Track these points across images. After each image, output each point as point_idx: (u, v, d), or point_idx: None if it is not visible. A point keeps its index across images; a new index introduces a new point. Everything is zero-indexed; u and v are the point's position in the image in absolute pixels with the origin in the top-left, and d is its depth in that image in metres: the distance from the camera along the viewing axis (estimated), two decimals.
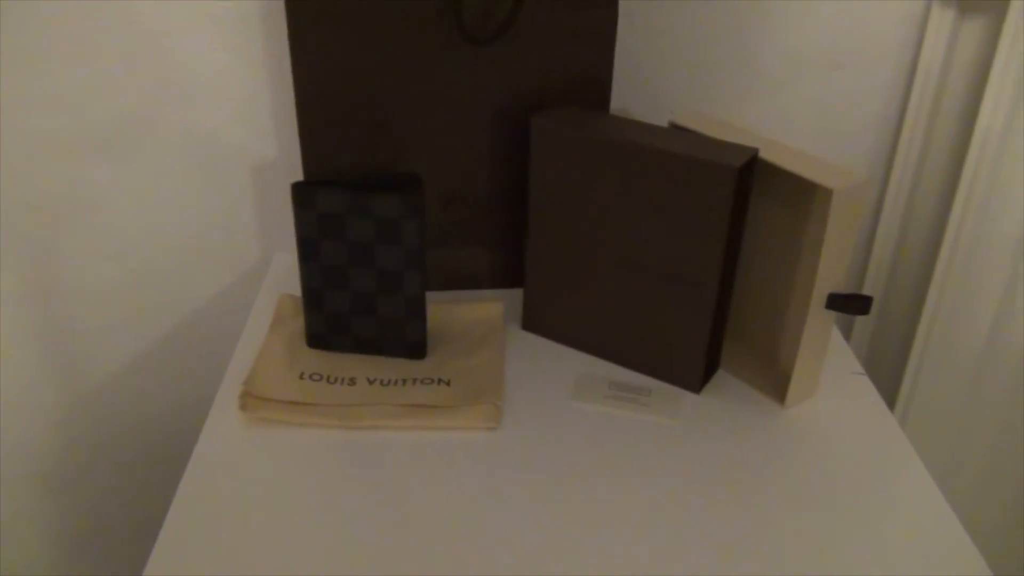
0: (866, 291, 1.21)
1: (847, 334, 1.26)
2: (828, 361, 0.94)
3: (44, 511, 1.38)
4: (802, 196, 0.82)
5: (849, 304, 0.82)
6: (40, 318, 1.20)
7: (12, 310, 1.18)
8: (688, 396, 0.89)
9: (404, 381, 0.89)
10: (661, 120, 1.06)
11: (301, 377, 0.89)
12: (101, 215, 1.12)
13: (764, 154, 0.82)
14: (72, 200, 1.11)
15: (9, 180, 1.09)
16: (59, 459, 1.33)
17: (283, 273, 1.10)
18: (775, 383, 0.90)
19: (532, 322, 0.98)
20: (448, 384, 0.88)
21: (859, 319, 1.25)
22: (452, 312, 1.00)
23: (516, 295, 1.03)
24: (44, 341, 1.22)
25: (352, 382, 0.89)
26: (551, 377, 0.91)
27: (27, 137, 1.06)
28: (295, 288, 1.04)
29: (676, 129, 0.88)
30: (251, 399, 0.85)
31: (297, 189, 0.85)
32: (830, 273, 0.81)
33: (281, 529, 0.72)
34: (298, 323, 0.97)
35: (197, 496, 0.76)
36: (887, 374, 1.26)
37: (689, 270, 0.84)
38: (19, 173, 1.08)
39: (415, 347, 0.92)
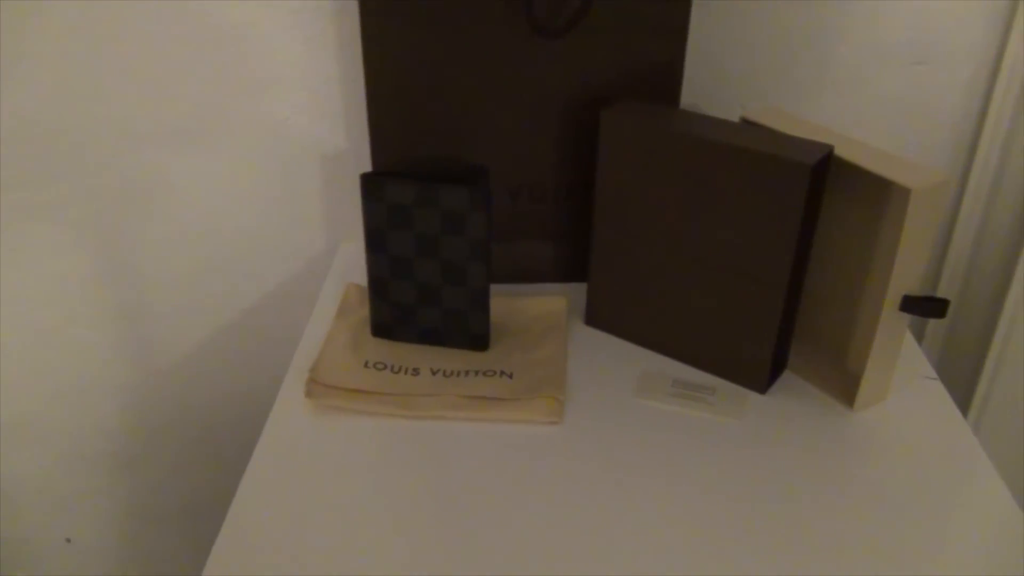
0: (941, 293, 1.18)
1: (919, 337, 1.23)
2: (899, 364, 0.92)
3: (113, 488, 1.42)
4: (878, 195, 0.81)
5: (924, 307, 0.80)
6: (113, 301, 1.23)
7: (87, 293, 1.22)
8: (753, 396, 0.88)
9: (467, 373, 0.89)
10: (732, 115, 1.05)
11: (366, 366, 0.90)
12: (173, 202, 1.15)
13: (839, 151, 0.81)
14: (146, 187, 1.14)
15: (87, 166, 1.12)
16: (128, 438, 1.37)
17: (349, 263, 1.12)
18: (844, 385, 0.88)
19: (595, 317, 0.98)
20: (510, 377, 0.89)
21: (932, 322, 1.22)
22: (515, 305, 1.00)
23: (580, 290, 1.03)
24: (116, 324, 1.25)
25: (415, 372, 0.90)
26: (614, 373, 0.91)
27: (105, 125, 1.09)
28: (361, 278, 1.05)
29: (748, 124, 0.87)
30: (317, 386, 0.87)
31: (366, 180, 0.86)
32: (905, 274, 0.80)
33: (342, 514, 0.74)
34: (363, 312, 0.99)
35: (264, 479, 0.78)
36: (960, 379, 1.23)
37: (758, 268, 0.83)
38: (96, 160, 1.12)
39: (478, 339, 0.93)
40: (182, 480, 1.41)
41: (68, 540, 1.49)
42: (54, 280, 1.21)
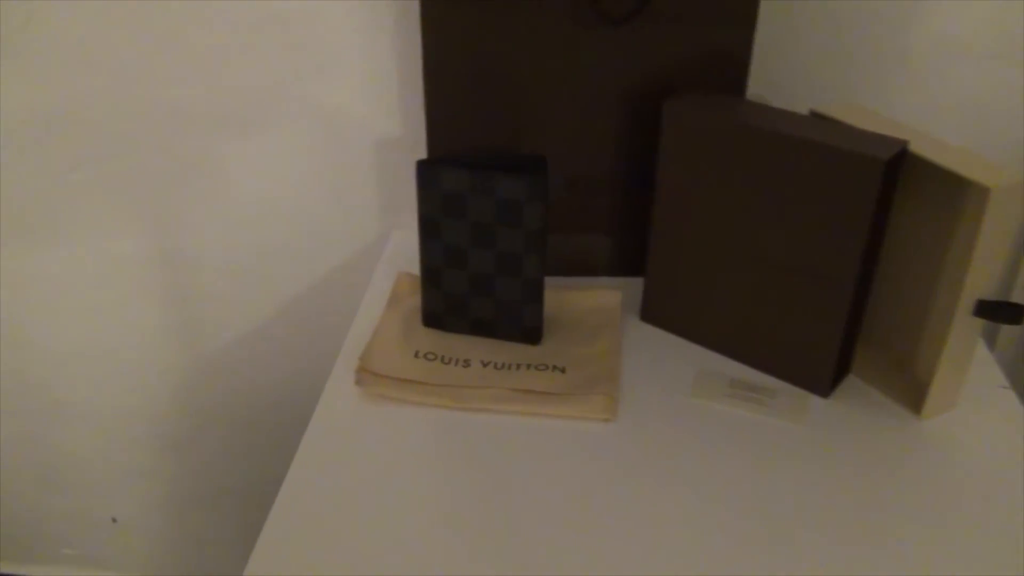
0: (1015, 299, 1.15)
1: (990, 344, 1.19)
2: (970, 372, 0.89)
3: (161, 469, 1.44)
4: (953, 194, 0.78)
5: (999, 312, 0.77)
6: (165, 283, 1.25)
7: (139, 273, 1.24)
8: (815, 400, 0.86)
9: (518, 366, 0.89)
10: (801, 109, 1.03)
11: (416, 356, 0.90)
12: (227, 185, 1.16)
13: (914, 147, 0.79)
14: (201, 169, 1.15)
15: (144, 148, 1.13)
16: (176, 421, 1.38)
17: (401, 250, 1.12)
18: (911, 392, 0.86)
19: (651, 313, 0.97)
20: (563, 372, 0.88)
21: (1004, 328, 1.18)
22: (569, 298, 0.99)
23: (636, 284, 1.02)
24: (167, 305, 1.27)
25: (466, 363, 0.89)
26: (669, 371, 0.90)
27: (162, 107, 1.10)
28: (413, 266, 1.05)
29: (817, 118, 0.85)
30: (367, 375, 0.87)
31: (421, 167, 0.86)
32: (980, 278, 0.77)
33: (389, 503, 0.74)
34: (415, 301, 0.98)
35: (312, 465, 0.78)
36: None
37: (825, 266, 0.81)
38: (153, 142, 1.13)
39: (531, 332, 0.92)
40: (229, 464, 1.43)
41: (114, 520, 1.51)
42: (108, 260, 1.23)
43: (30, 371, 1.34)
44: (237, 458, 1.42)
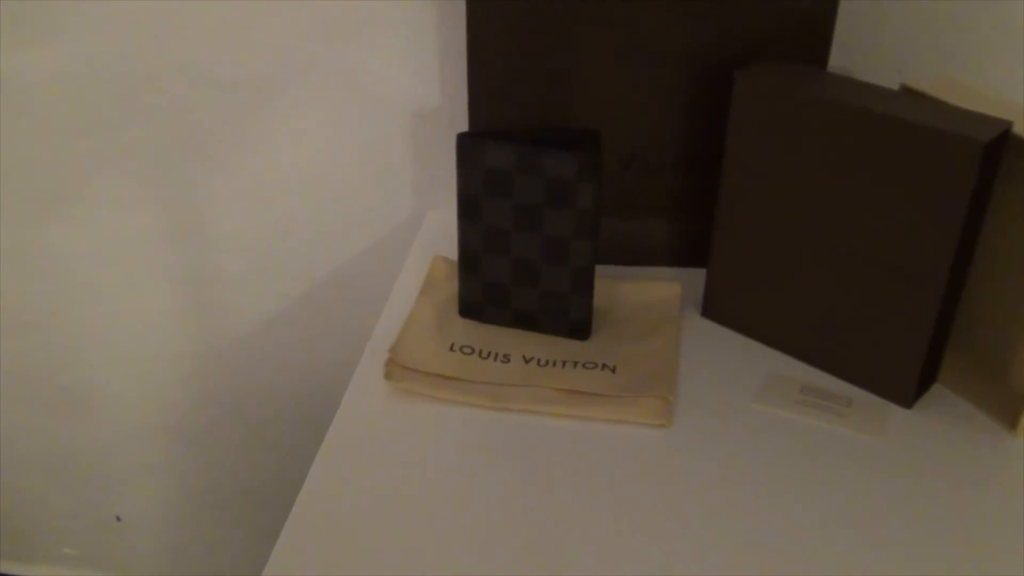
0: None
1: None
2: None
3: (170, 466, 1.46)
4: None
5: None
6: (179, 263, 1.26)
7: (151, 252, 1.25)
8: (896, 410, 0.85)
9: (564, 363, 0.89)
10: (891, 83, 1.01)
11: (451, 349, 0.90)
12: (249, 157, 1.17)
13: (1018, 128, 0.77)
14: (218, 138, 1.16)
15: (158, 114, 1.15)
16: (189, 413, 1.40)
17: (437, 232, 1.12)
18: (1005, 405, 0.84)
19: (714, 308, 0.96)
20: (613, 371, 0.88)
21: None
22: (623, 290, 0.98)
23: (698, 276, 1.01)
24: (182, 287, 1.28)
25: (506, 359, 0.89)
26: (733, 374, 0.89)
27: (179, 69, 1.12)
28: (449, 250, 1.05)
29: (909, 93, 0.83)
30: (397, 368, 0.87)
31: (463, 141, 0.86)
32: None
33: (417, 511, 0.74)
34: (451, 289, 0.98)
35: (335, 467, 0.78)
36: None
37: (913, 261, 0.79)
38: (169, 107, 1.14)
39: (579, 326, 0.92)
40: (244, 461, 1.45)
41: (118, 518, 1.54)
42: (118, 237, 1.25)
43: (33, 355, 1.37)
44: (253, 455, 1.44)
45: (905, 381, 0.84)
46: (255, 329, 1.31)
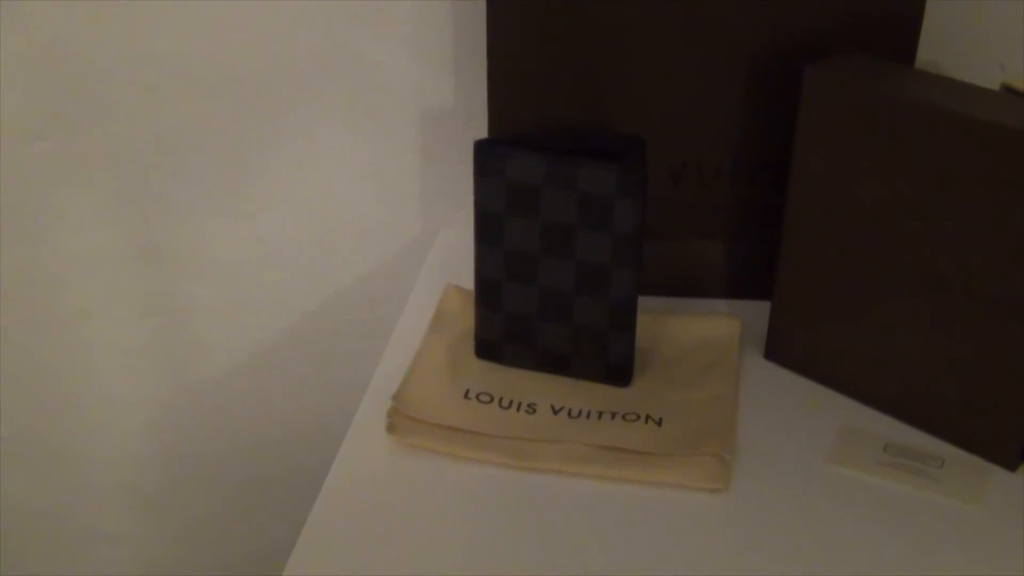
0: None
1: None
2: None
3: (135, 532, 1.47)
4: None
5: None
6: (145, 290, 1.27)
7: (112, 276, 1.26)
8: (998, 473, 0.85)
9: (600, 414, 0.89)
10: (990, 81, 1.02)
11: (466, 396, 0.91)
12: (230, 163, 1.19)
13: None
14: (191, 143, 1.18)
15: (121, 114, 1.16)
16: (156, 468, 1.41)
17: (450, 256, 1.13)
18: None
19: (780, 349, 0.96)
20: (659, 424, 0.88)
21: None
22: (671, 326, 0.99)
23: (760, 310, 1.01)
24: (145, 317, 1.29)
25: (532, 409, 0.90)
26: (802, 428, 0.89)
27: (145, 62, 1.13)
28: (465, 278, 1.06)
29: (1011, 94, 0.84)
30: (402, 419, 0.88)
31: (481, 149, 0.87)
32: None
33: None
34: (466, 324, 1.00)
35: (328, 534, 0.79)
36: None
37: (1020, 295, 0.80)
38: (134, 106, 1.15)
39: (619, 370, 0.92)
40: (219, 530, 1.45)
41: None
42: (73, 258, 1.25)
43: None
44: (229, 522, 1.44)
45: (1009, 439, 0.84)
46: (233, 370, 1.31)
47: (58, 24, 1.12)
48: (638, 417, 0.89)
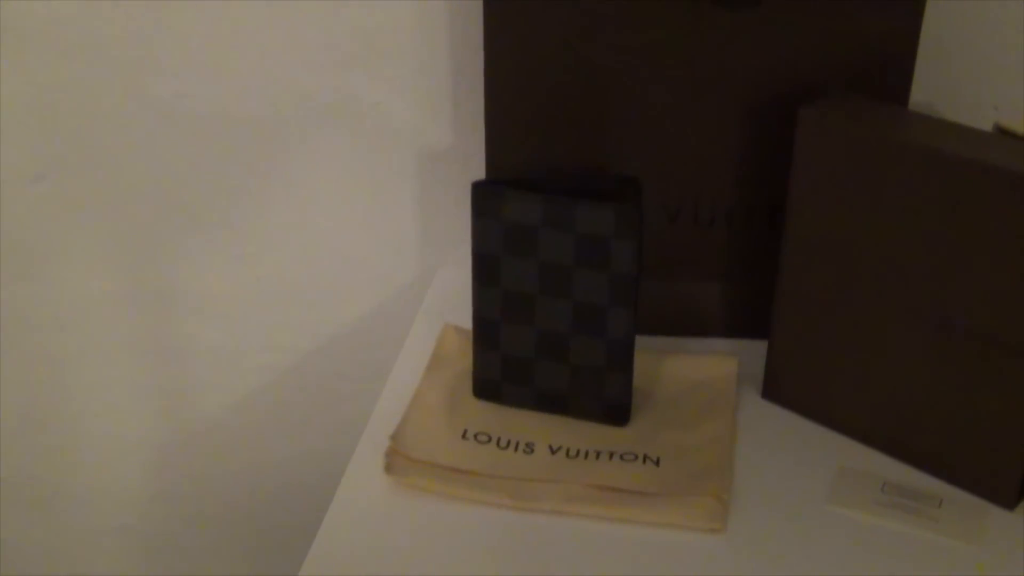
0: None
1: None
2: None
3: (128, 575, 1.46)
4: None
5: None
6: (142, 330, 1.27)
7: (111, 317, 1.26)
8: (996, 513, 0.85)
9: (599, 454, 0.89)
10: (983, 122, 1.02)
11: (464, 437, 0.91)
12: (228, 203, 1.19)
13: None
14: (195, 183, 1.18)
15: (124, 154, 1.16)
16: (152, 511, 1.40)
17: (448, 295, 1.13)
18: None
19: (777, 388, 0.96)
20: (657, 464, 0.88)
21: None
22: (668, 366, 0.99)
23: (758, 349, 1.01)
24: (142, 357, 1.29)
25: (530, 449, 0.90)
26: (800, 468, 0.89)
27: (149, 105, 1.13)
28: (463, 317, 1.06)
29: (1005, 135, 0.84)
30: (400, 459, 0.88)
31: (479, 190, 0.88)
32: None
33: None
34: (464, 364, 1.00)
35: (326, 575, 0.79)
36: None
37: (1019, 335, 0.80)
38: (137, 146, 1.16)
39: (617, 409, 0.92)
40: (221, 569, 1.44)
41: None
42: (70, 298, 1.25)
43: None
44: (230, 563, 1.43)
45: (1008, 478, 0.84)
46: (231, 410, 1.31)
47: (60, 67, 1.12)
48: (636, 457, 0.89)
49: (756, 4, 0.89)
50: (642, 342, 1.01)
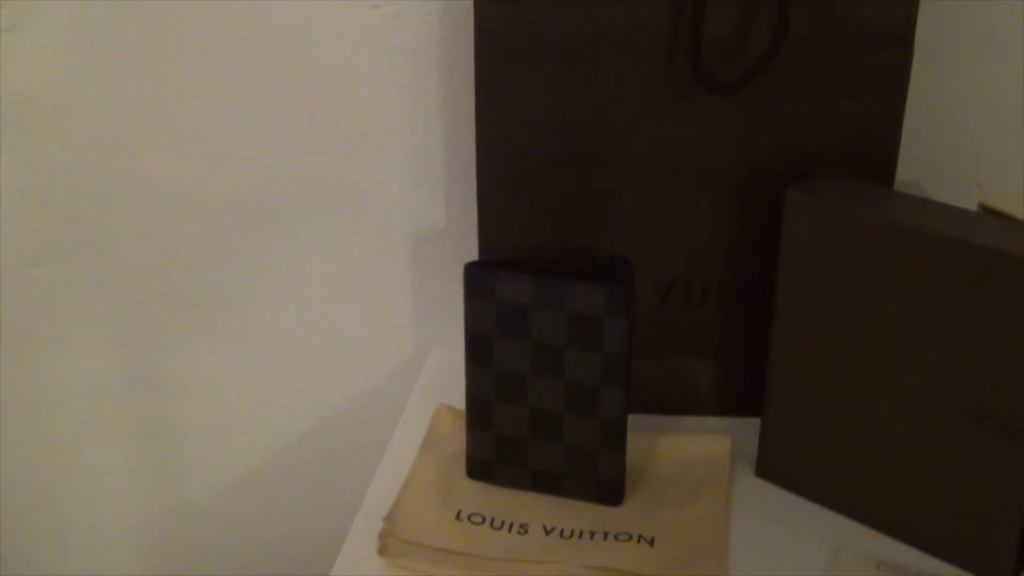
0: None
1: None
2: None
3: None
4: None
5: None
6: (135, 413, 1.27)
7: (105, 399, 1.26)
8: None
9: (592, 534, 0.89)
10: (966, 201, 1.03)
11: (458, 518, 0.91)
12: (221, 285, 1.20)
13: None
14: (189, 265, 1.19)
15: (122, 238, 1.17)
16: None
17: (442, 375, 1.13)
18: None
19: (770, 467, 0.96)
20: (651, 544, 0.88)
21: None
22: (661, 445, 0.99)
23: (751, 427, 1.02)
24: (135, 439, 1.29)
25: (524, 530, 0.90)
26: (794, 547, 0.89)
27: (146, 188, 1.15)
28: (456, 397, 1.06)
29: (989, 214, 0.85)
30: (393, 541, 0.87)
31: (471, 271, 0.88)
32: None
33: None
34: (458, 445, 1.00)
35: None
36: None
37: (1009, 411, 0.80)
38: (134, 231, 1.17)
39: (610, 489, 0.92)
40: None
41: None
42: (64, 380, 1.25)
43: None
44: None
45: (1003, 555, 0.84)
46: (225, 492, 1.30)
47: (55, 151, 1.13)
48: (630, 537, 0.88)
49: (741, 87, 0.90)
50: (635, 421, 1.01)
